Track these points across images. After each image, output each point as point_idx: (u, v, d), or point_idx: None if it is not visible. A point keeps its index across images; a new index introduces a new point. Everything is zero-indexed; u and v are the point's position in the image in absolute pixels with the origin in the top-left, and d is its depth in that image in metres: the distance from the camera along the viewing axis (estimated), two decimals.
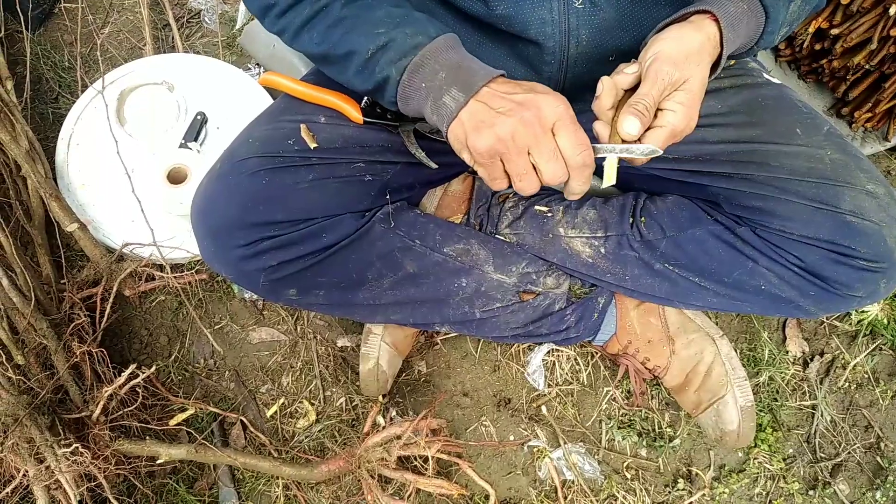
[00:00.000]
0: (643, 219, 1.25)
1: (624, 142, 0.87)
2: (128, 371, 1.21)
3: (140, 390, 1.30)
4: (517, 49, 1.10)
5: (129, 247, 1.45)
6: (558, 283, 1.34)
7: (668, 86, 0.85)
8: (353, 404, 1.46)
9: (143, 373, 1.28)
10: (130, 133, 1.60)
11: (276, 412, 1.46)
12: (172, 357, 1.49)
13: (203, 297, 1.53)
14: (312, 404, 1.46)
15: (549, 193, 1.38)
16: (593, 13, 1.03)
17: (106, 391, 1.21)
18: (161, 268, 1.46)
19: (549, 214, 1.32)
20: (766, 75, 1.20)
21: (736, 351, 1.36)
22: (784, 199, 1.05)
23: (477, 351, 1.50)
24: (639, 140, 0.87)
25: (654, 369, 1.37)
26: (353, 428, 1.45)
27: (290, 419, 1.46)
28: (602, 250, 1.28)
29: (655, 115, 0.89)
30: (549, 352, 1.48)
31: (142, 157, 1.56)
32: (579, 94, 1.06)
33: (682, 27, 0.89)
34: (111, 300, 1.40)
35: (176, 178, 1.51)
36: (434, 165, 1.17)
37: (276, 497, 1.39)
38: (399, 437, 1.29)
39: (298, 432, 1.44)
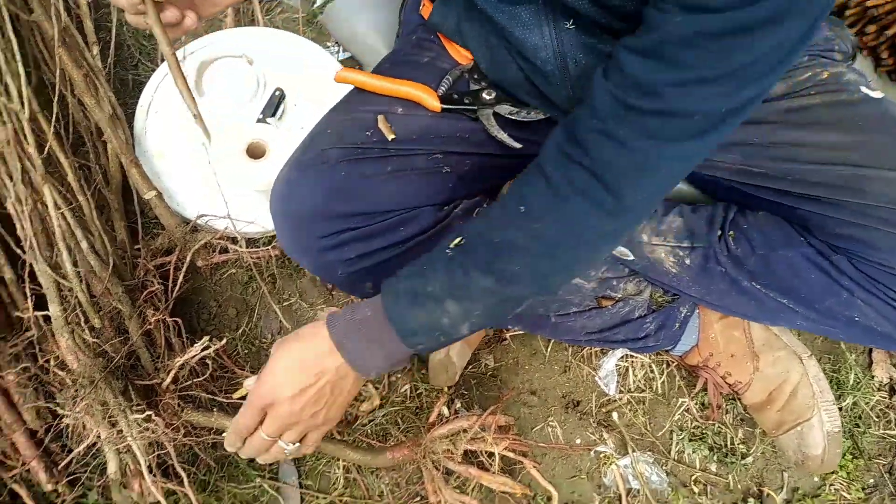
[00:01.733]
0: (732, 233, 1.18)
1: None
2: (202, 342, 1.20)
3: (210, 362, 1.29)
4: (533, 71, 1.05)
5: (203, 218, 1.44)
6: (639, 289, 1.29)
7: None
8: (418, 392, 1.44)
9: (215, 345, 1.28)
10: (208, 104, 1.59)
11: None
12: (240, 331, 1.48)
13: (274, 273, 1.51)
14: (377, 389, 1.44)
15: None
16: (585, 32, 0.95)
17: (178, 361, 1.20)
18: (234, 241, 1.45)
19: None
20: (864, 89, 1.05)
21: None
22: (886, 231, 0.95)
23: (547, 350, 1.46)
24: None
25: (734, 384, 1.31)
26: (417, 416, 1.42)
27: (353, 402, 1.44)
28: (687, 261, 1.21)
29: None
30: (623, 357, 1.43)
31: (219, 129, 1.55)
32: None
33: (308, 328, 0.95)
34: (184, 270, 1.40)
35: (254, 152, 1.49)
36: (518, 145, 1.13)
37: (336, 479, 1.38)
38: (466, 431, 1.26)
39: (361, 416, 1.42)
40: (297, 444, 0.93)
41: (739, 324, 1.31)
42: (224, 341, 1.29)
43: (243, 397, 1.41)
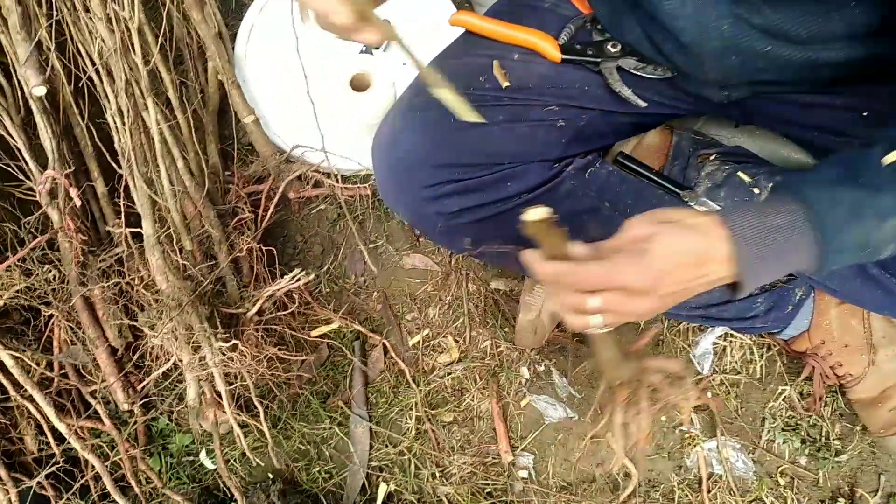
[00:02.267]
0: None
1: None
2: (292, 274, 1.17)
3: (296, 296, 1.27)
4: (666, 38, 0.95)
5: (298, 149, 1.41)
6: None
7: (632, 236, 0.71)
8: (499, 349, 1.39)
9: (305, 278, 1.25)
10: (313, 32, 1.53)
11: (418, 342, 1.40)
12: (324, 268, 1.45)
13: (364, 213, 1.48)
14: (456, 342, 1.40)
15: (750, 160, 1.23)
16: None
17: (266, 291, 1.17)
18: (328, 176, 1.41)
19: (755, 190, 1.17)
20: None
21: None
22: None
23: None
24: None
25: (843, 377, 1.22)
26: (496, 375, 1.38)
27: (431, 352, 1.40)
28: None
29: None
30: (721, 335, 1.35)
31: (321, 58, 1.50)
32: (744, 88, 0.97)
33: (692, 211, 0.77)
34: (276, 200, 1.37)
35: (358, 85, 1.44)
36: (643, 104, 1.06)
37: (409, 428, 1.35)
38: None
39: (439, 367, 1.39)
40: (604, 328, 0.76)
41: (859, 312, 1.21)
42: (313, 275, 1.26)
43: (324, 335, 1.39)
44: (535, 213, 0.68)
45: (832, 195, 0.69)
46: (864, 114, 0.97)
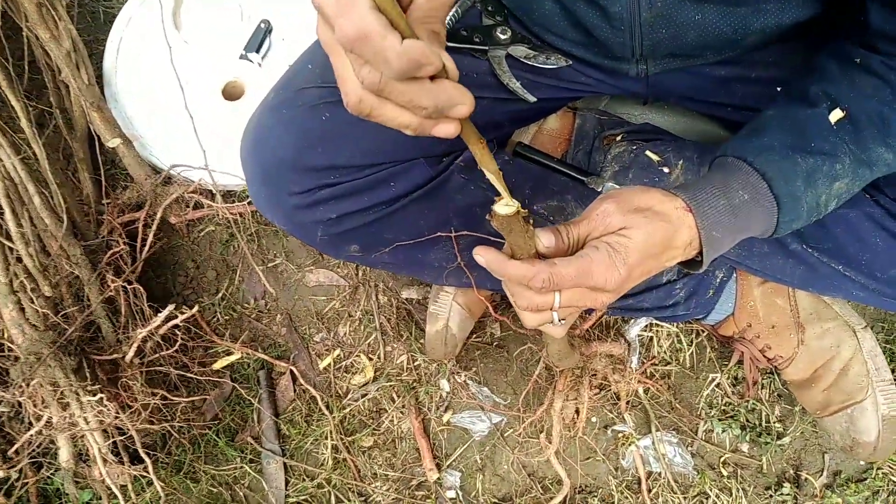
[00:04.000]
0: None
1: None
2: (165, 312, 1.06)
3: (180, 332, 1.16)
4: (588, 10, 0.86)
5: (177, 168, 1.29)
6: None
7: (603, 226, 0.68)
8: (416, 363, 1.29)
9: (184, 313, 1.14)
10: (186, 40, 1.41)
11: (329, 364, 1.30)
12: (220, 294, 1.34)
13: (257, 231, 1.36)
14: (370, 359, 1.30)
15: (659, 137, 1.14)
16: None
17: (140, 332, 1.06)
18: (212, 195, 1.29)
19: (665, 169, 1.09)
20: None
21: None
22: None
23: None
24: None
25: (774, 359, 1.15)
26: (414, 391, 1.28)
27: (344, 374, 1.30)
28: None
29: None
30: (646, 326, 1.27)
31: (198, 68, 1.38)
32: (662, 61, 0.92)
33: (659, 195, 0.70)
34: (154, 227, 1.25)
35: (232, 93, 1.33)
36: (532, 98, 0.98)
37: (325, 459, 1.25)
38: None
39: (353, 389, 1.29)
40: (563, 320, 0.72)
41: (784, 290, 1.14)
42: (195, 309, 1.15)
43: (225, 368, 1.28)
44: (505, 208, 0.62)
45: (790, 167, 0.70)
46: (779, 88, 0.90)
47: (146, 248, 1.24)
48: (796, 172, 0.69)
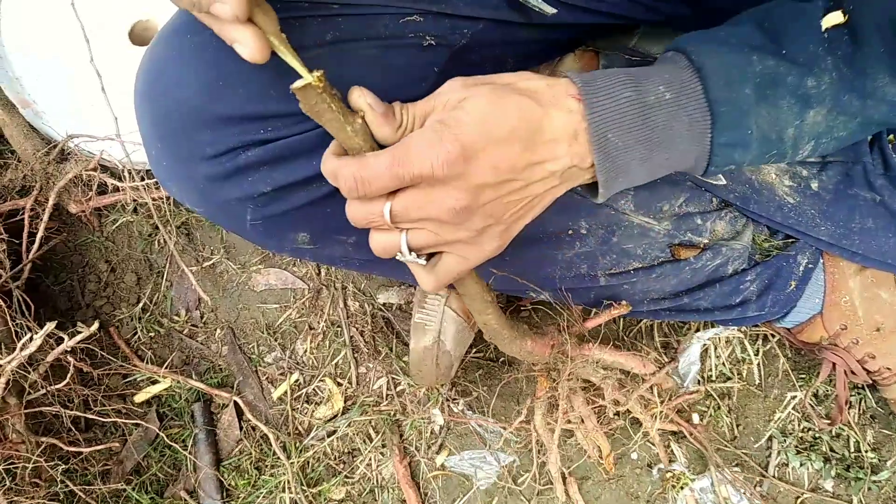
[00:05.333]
0: (893, 137, 0.76)
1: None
2: (42, 331, 0.75)
3: (74, 358, 0.84)
4: None
5: (75, 140, 0.97)
6: (734, 230, 0.84)
7: (442, 103, 0.51)
8: (399, 389, 0.99)
9: (79, 332, 0.83)
10: None
11: (286, 393, 1.00)
12: (141, 304, 1.03)
13: (187, 221, 1.05)
14: (339, 384, 1.00)
15: None
16: None
17: (6, 360, 0.75)
18: (123, 174, 0.98)
19: None
20: None
21: None
22: None
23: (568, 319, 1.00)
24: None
25: (878, 372, 0.86)
26: (398, 425, 0.98)
27: (305, 405, 1.00)
28: (813, 185, 0.81)
29: None
30: (701, 331, 0.97)
31: (107, 14, 1.06)
32: None
33: (532, 75, 0.53)
34: (46, 217, 0.94)
35: (143, 36, 1.01)
36: (550, 10, 0.70)
37: None
38: (627, 374, 0.84)
39: (318, 425, 0.98)
40: (424, 260, 0.55)
41: (889, 280, 0.85)
42: (94, 327, 0.83)
43: (151, 400, 0.97)
44: (303, 79, 0.47)
45: (738, 65, 0.51)
46: None
47: (35, 246, 0.93)
48: (746, 74, 0.50)
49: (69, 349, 0.80)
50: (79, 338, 0.81)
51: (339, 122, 0.49)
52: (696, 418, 0.95)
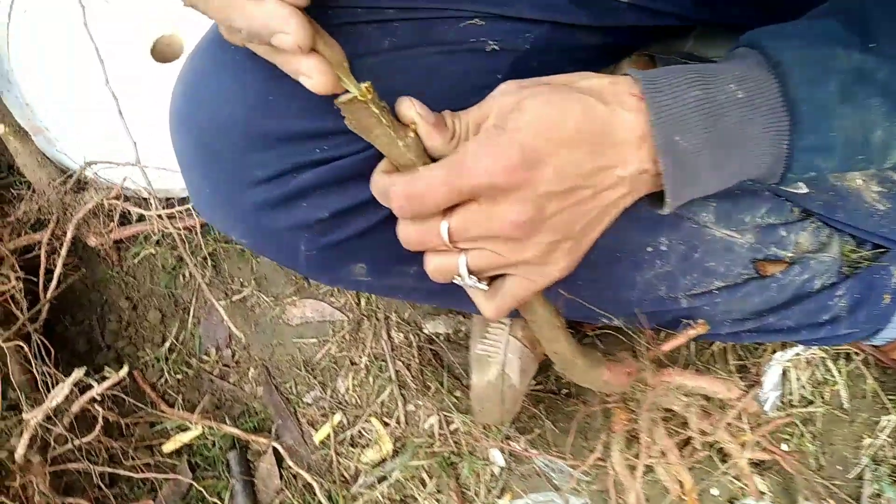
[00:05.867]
0: None
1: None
2: (65, 386, 0.66)
3: (103, 408, 0.76)
4: None
5: (94, 167, 0.90)
6: (818, 241, 0.77)
7: (497, 108, 0.45)
8: (452, 428, 0.91)
9: (107, 377, 0.75)
10: None
11: (328, 436, 0.91)
12: (167, 344, 0.95)
13: (214, 252, 0.97)
14: (386, 424, 0.91)
15: None
16: None
17: (31, 416, 0.66)
18: (146, 202, 0.91)
19: None
20: None
21: None
22: None
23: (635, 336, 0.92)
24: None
25: None
26: (454, 468, 0.89)
27: (351, 448, 0.91)
28: None
29: None
30: (783, 350, 0.90)
31: (124, 32, 1.00)
32: None
33: (593, 75, 0.47)
34: (64, 252, 0.86)
35: (166, 52, 0.94)
36: None
37: None
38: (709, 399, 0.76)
39: (365, 470, 0.90)
40: (485, 284, 0.48)
41: None
42: (122, 372, 0.75)
43: (181, 449, 0.89)
44: (349, 93, 0.43)
45: (821, 60, 0.44)
46: None
47: (52, 284, 0.85)
48: (829, 71, 0.44)
49: (97, 398, 0.72)
50: (107, 384, 0.73)
51: (389, 137, 0.44)
52: (783, 447, 0.87)
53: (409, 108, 0.45)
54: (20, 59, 1.01)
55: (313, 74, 0.43)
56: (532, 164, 0.42)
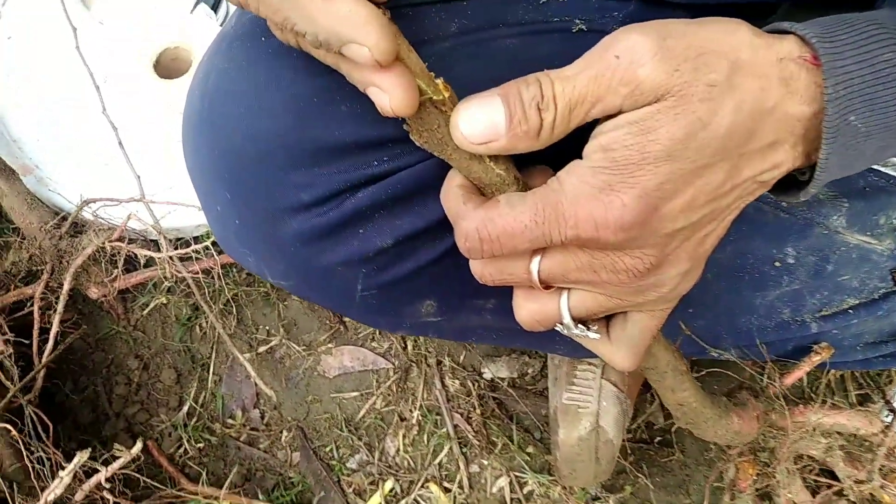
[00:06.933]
0: None
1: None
2: (65, 475, 0.53)
3: (112, 495, 0.62)
4: None
5: (92, 206, 0.77)
6: None
7: (619, 84, 0.32)
8: (526, 490, 0.77)
9: (118, 455, 0.61)
10: (100, 18, 0.91)
11: None
12: (185, 408, 0.81)
13: (235, 296, 0.84)
14: (447, 490, 0.77)
15: None
16: None
17: None
18: (154, 243, 0.78)
19: None
20: None
21: None
22: None
23: (763, 378, 0.78)
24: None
25: None
26: None
27: None
28: None
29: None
30: None
31: (122, 51, 0.88)
32: None
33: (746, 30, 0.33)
34: (61, 308, 0.73)
35: (172, 67, 0.82)
36: None
37: None
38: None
39: None
40: (596, 331, 0.38)
41: None
42: (135, 450, 0.62)
43: None
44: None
45: None
46: None
47: (49, 346, 0.72)
48: None
49: (106, 483, 0.58)
50: (117, 465, 0.60)
51: (455, 149, 0.34)
52: None
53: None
54: (5, 91, 0.89)
55: (394, 90, 0.32)
56: (655, 209, 0.32)
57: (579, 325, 0.37)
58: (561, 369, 0.67)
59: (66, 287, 0.73)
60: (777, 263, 0.59)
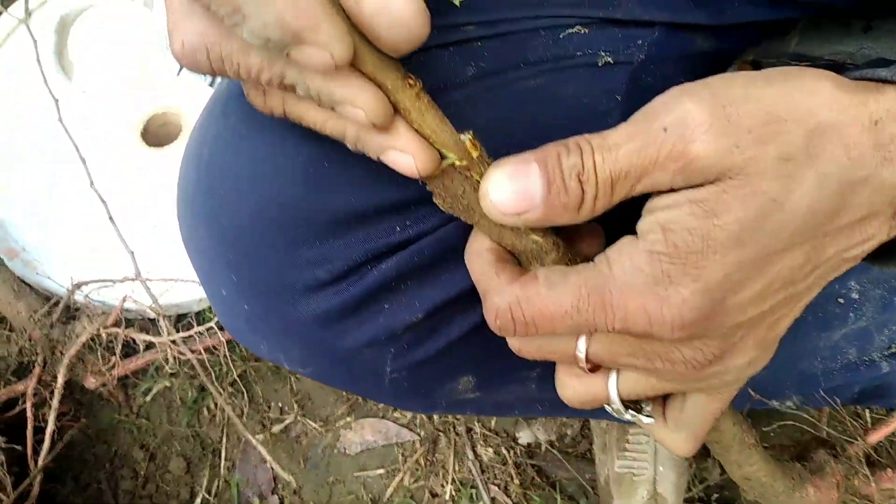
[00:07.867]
0: None
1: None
2: None
3: None
4: None
5: (84, 289, 0.71)
6: None
7: (666, 159, 0.27)
8: None
9: None
10: (82, 86, 0.87)
11: None
12: (198, 500, 0.75)
13: (244, 373, 0.78)
14: None
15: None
16: None
17: None
18: (153, 324, 0.72)
19: None
20: None
21: None
22: None
23: (823, 419, 0.72)
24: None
25: None
26: None
27: None
28: None
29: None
30: None
31: (108, 120, 0.83)
32: None
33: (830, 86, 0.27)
34: (56, 402, 0.67)
35: (160, 134, 0.77)
36: None
37: None
38: None
39: None
40: (648, 415, 0.34)
41: None
42: None
43: None
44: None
45: None
46: None
47: (45, 446, 0.66)
48: None
49: None
50: None
51: (484, 218, 0.31)
52: None
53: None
54: None
55: (416, 151, 0.30)
56: (721, 302, 0.28)
57: (630, 410, 0.34)
58: (610, 434, 0.61)
59: (60, 380, 0.67)
60: (840, 300, 0.54)
